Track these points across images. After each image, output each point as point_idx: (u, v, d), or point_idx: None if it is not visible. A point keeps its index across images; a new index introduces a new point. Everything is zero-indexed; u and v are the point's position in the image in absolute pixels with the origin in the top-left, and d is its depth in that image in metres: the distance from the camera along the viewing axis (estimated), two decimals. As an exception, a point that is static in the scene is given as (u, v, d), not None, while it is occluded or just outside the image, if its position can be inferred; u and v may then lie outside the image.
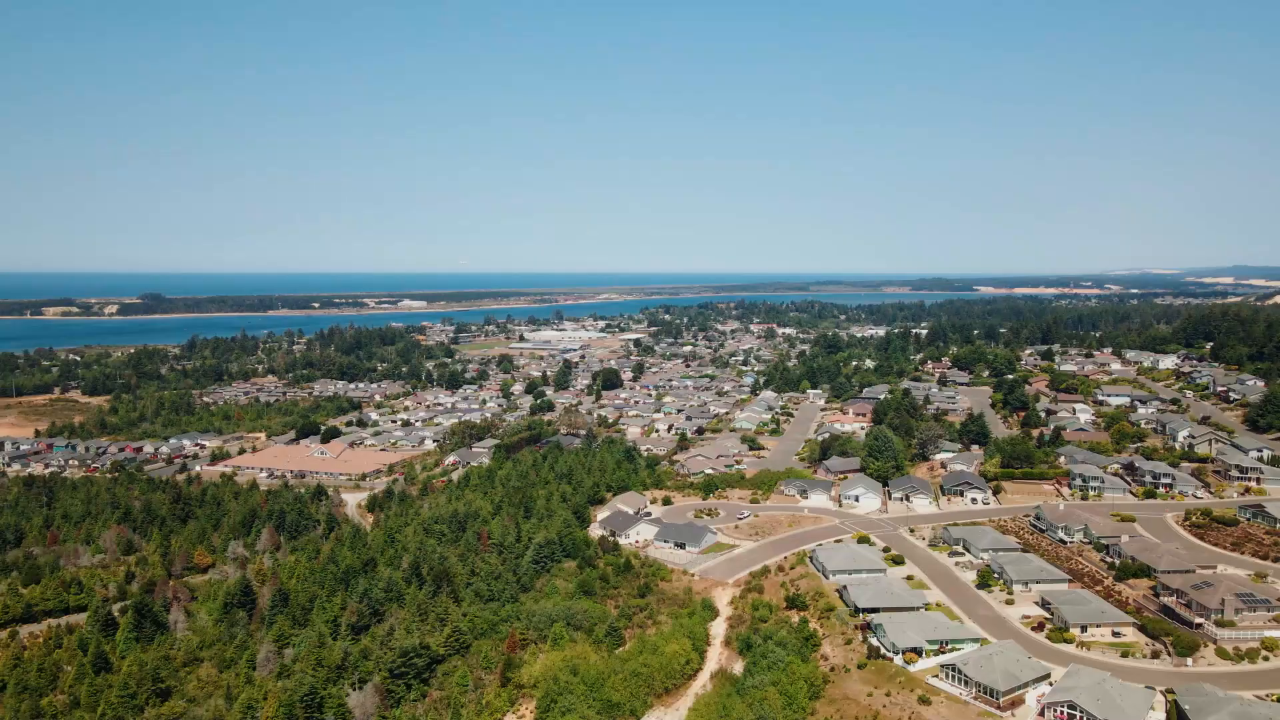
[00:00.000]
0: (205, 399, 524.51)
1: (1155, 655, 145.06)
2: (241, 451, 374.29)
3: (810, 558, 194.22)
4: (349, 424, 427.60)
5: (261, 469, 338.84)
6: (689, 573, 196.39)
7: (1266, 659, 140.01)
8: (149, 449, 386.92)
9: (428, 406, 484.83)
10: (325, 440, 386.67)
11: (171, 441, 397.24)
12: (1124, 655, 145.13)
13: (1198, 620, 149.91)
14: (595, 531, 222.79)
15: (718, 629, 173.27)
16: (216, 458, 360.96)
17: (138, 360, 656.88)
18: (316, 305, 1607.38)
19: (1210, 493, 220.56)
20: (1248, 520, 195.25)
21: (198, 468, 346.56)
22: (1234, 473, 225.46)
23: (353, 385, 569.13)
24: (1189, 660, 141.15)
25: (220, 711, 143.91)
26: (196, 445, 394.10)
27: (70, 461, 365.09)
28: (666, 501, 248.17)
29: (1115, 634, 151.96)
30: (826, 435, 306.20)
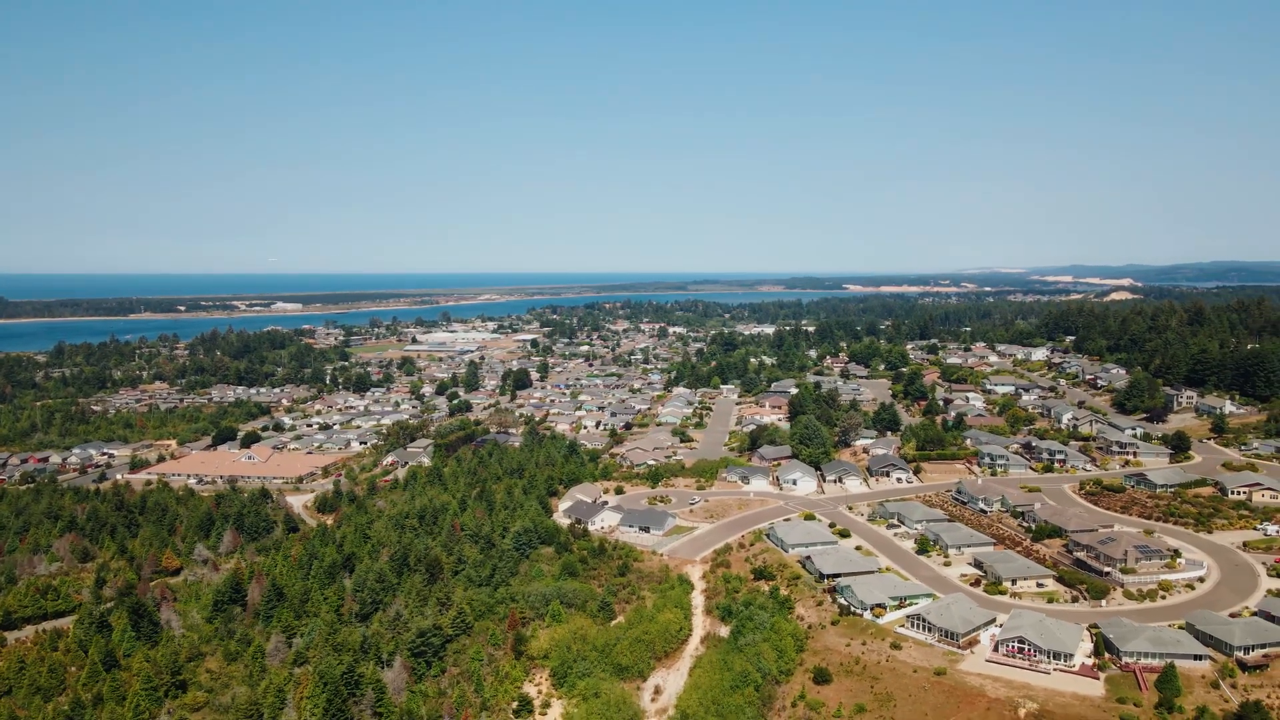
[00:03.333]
0: (95, 407, 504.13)
1: (1075, 600, 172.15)
2: (161, 459, 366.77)
3: (767, 535, 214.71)
4: (264, 429, 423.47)
5: (189, 475, 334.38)
6: (658, 553, 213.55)
7: (1164, 597, 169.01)
8: (56, 459, 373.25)
9: (340, 410, 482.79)
10: (245, 445, 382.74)
11: (77, 451, 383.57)
12: (1049, 601, 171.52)
13: (1106, 569, 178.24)
14: (562, 520, 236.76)
15: (696, 600, 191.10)
16: (137, 465, 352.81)
17: (8, 368, 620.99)
18: (183, 308, 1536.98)
19: (1097, 466, 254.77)
20: (1132, 487, 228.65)
21: (119, 476, 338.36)
22: (1114, 448, 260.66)
23: (254, 390, 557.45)
24: (1103, 602, 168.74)
25: (254, 697, 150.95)
26: (105, 454, 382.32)
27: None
28: (619, 491, 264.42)
29: (1039, 585, 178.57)
30: (752, 427, 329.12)
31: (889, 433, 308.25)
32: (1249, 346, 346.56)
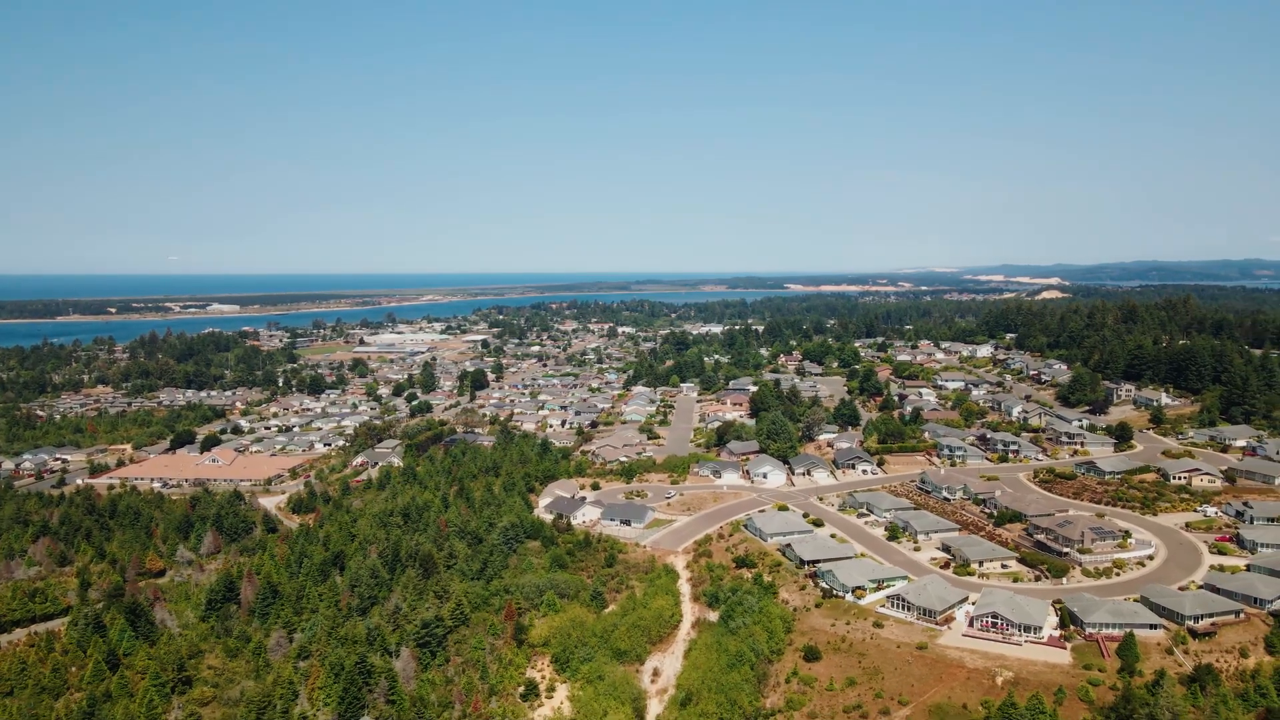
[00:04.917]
0: (39, 412, 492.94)
1: (1038, 578, 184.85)
2: (120, 463, 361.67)
3: (746, 525, 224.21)
4: (223, 432, 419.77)
5: (154, 479, 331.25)
6: (641, 545, 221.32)
7: (1118, 574, 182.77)
8: (8, 465, 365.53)
9: (297, 412, 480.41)
10: (206, 448, 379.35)
11: (28, 456, 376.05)
12: (1014, 580, 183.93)
13: (1064, 550, 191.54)
14: (544, 515, 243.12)
15: (683, 588, 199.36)
16: (96, 470, 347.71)
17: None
18: (114, 310, 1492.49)
19: (1047, 455, 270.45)
20: (1083, 475, 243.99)
21: (80, 481, 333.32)
22: (1063, 439, 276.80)
23: (204, 393, 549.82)
24: (1063, 579, 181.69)
25: (264, 689, 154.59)
26: (59, 459, 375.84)
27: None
28: (595, 487, 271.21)
29: (1004, 566, 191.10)
30: (716, 423, 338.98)
31: (850, 427, 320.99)
32: (1180, 343, 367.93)
